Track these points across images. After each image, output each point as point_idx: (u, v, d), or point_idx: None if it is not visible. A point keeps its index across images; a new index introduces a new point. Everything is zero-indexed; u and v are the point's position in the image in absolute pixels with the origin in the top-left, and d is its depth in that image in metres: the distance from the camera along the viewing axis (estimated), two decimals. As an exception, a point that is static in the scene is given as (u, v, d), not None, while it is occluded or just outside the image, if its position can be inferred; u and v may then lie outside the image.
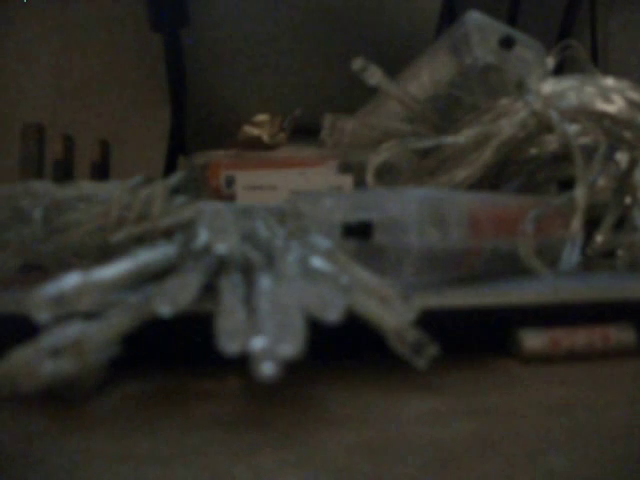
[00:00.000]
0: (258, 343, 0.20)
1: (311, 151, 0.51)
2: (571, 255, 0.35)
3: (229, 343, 0.21)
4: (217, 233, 0.27)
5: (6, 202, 0.35)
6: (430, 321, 0.24)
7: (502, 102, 0.45)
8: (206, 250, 0.27)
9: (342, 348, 0.28)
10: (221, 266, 0.26)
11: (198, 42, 0.79)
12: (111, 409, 0.23)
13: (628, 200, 0.41)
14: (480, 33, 0.48)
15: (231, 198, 0.48)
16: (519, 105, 0.43)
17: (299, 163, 0.50)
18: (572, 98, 0.42)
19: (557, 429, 0.21)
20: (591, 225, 0.39)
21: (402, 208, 0.29)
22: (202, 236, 0.27)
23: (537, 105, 0.42)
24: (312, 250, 0.27)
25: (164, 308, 0.22)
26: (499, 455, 0.19)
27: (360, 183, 0.45)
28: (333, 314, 0.22)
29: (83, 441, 0.20)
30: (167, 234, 0.32)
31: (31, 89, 0.87)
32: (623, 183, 0.41)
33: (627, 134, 0.41)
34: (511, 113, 0.43)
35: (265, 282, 0.24)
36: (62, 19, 0.87)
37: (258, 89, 0.80)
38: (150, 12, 0.75)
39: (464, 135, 0.43)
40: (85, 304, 0.21)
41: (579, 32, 0.89)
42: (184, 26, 0.76)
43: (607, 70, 0.49)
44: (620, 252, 0.39)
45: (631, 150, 0.41)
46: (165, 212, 0.34)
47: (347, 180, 0.47)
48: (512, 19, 0.84)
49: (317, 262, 0.26)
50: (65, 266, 0.34)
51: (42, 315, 0.21)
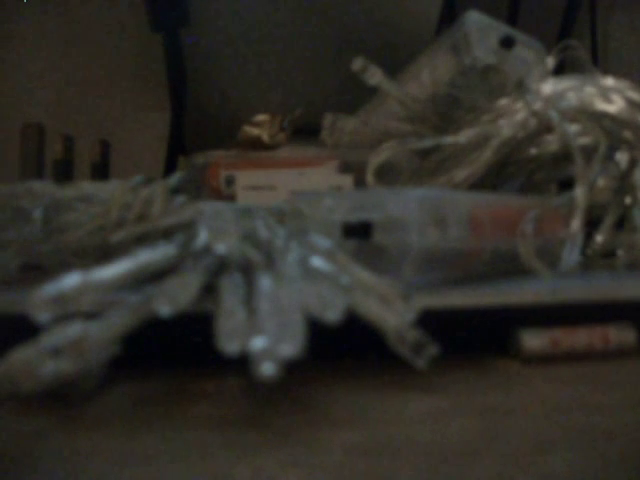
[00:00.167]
0: (258, 343, 0.20)
1: (311, 151, 0.51)
2: (571, 255, 0.35)
3: (229, 343, 0.21)
4: (217, 233, 0.27)
5: (6, 202, 0.35)
6: (430, 321, 0.24)
7: (502, 102, 0.45)
8: (206, 250, 0.27)
9: (342, 348, 0.28)
10: (221, 266, 0.26)
11: (198, 42, 0.79)
12: (111, 409, 0.23)
13: (628, 200, 0.41)
14: (480, 33, 0.48)
15: (231, 198, 0.48)
16: (519, 105, 0.43)
17: (299, 163, 0.50)
18: (572, 98, 0.42)
19: (557, 429, 0.21)
20: (591, 225, 0.39)
21: (402, 208, 0.29)
22: (202, 236, 0.27)
23: (537, 105, 0.42)
24: (312, 250, 0.27)
25: (164, 308, 0.22)
26: (499, 455, 0.19)
27: (360, 183, 0.45)
28: (333, 314, 0.22)
29: (83, 441, 0.20)
30: (167, 234, 0.32)
31: (31, 89, 0.87)
32: (623, 183, 0.41)
33: (627, 134, 0.41)
34: (511, 113, 0.43)
35: (265, 282, 0.24)
36: (62, 19, 0.87)
37: (258, 89, 0.80)
38: (150, 12, 0.75)
39: (464, 135, 0.43)
40: (85, 304, 0.21)
41: (579, 32, 0.89)
42: (184, 26, 0.76)
43: (607, 70, 0.49)
44: (620, 252, 0.39)
45: (631, 150, 0.41)
46: (165, 212, 0.34)
47: (347, 180, 0.47)
48: (512, 19, 0.84)
49: (317, 262, 0.26)
50: (65, 266, 0.34)
51: (42, 315, 0.21)
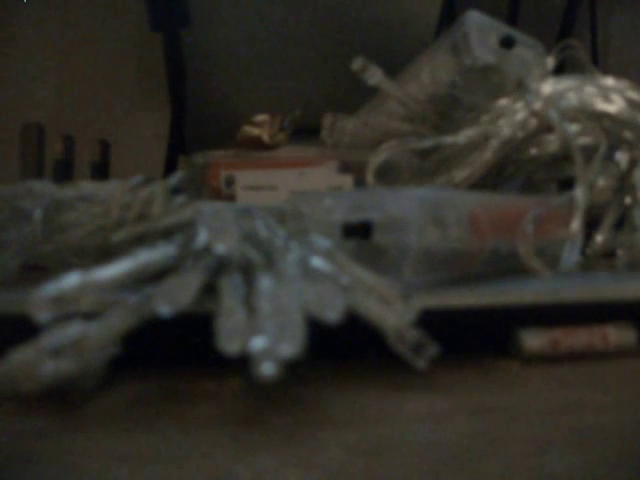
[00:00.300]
0: (258, 343, 0.20)
1: (311, 151, 0.51)
2: (571, 255, 0.35)
3: (229, 343, 0.21)
4: (217, 233, 0.27)
5: (6, 202, 0.35)
6: (430, 321, 0.24)
7: (502, 102, 0.45)
8: (206, 250, 0.27)
9: (342, 348, 0.28)
10: (221, 266, 0.26)
11: (198, 42, 0.78)
12: (111, 409, 0.23)
13: (628, 200, 0.41)
14: (480, 33, 0.47)
15: (231, 198, 0.48)
16: (519, 105, 0.43)
17: (299, 163, 0.50)
18: (572, 98, 0.42)
19: (557, 429, 0.21)
20: (591, 225, 0.39)
21: (402, 208, 0.29)
22: (202, 236, 0.27)
23: (537, 105, 0.42)
24: (312, 250, 0.27)
25: (164, 308, 0.22)
26: (499, 455, 0.19)
27: (360, 183, 0.45)
28: (333, 314, 0.22)
29: (83, 441, 0.20)
30: (167, 234, 0.32)
31: (31, 89, 0.87)
32: (623, 183, 0.41)
33: (627, 134, 0.41)
34: (511, 113, 0.43)
35: (265, 282, 0.24)
36: (62, 19, 0.87)
37: (258, 89, 0.80)
38: (150, 12, 0.75)
39: (464, 135, 0.43)
40: (85, 304, 0.21)
41: (579, 32, 0.88)
42: (184, 26, 0.76)
43: (607, 70, 0.49)
44: (620, 252, 0.39)
45: (631, 150, 0.41)
46: (165, 212, 0.34)
47: (347, 180, 0.47)
48: (512, 19, 0.84)
49: (317, 262, 0.26)
50: (65, 266, 0.34)
51: (42, 315, 0.21)
